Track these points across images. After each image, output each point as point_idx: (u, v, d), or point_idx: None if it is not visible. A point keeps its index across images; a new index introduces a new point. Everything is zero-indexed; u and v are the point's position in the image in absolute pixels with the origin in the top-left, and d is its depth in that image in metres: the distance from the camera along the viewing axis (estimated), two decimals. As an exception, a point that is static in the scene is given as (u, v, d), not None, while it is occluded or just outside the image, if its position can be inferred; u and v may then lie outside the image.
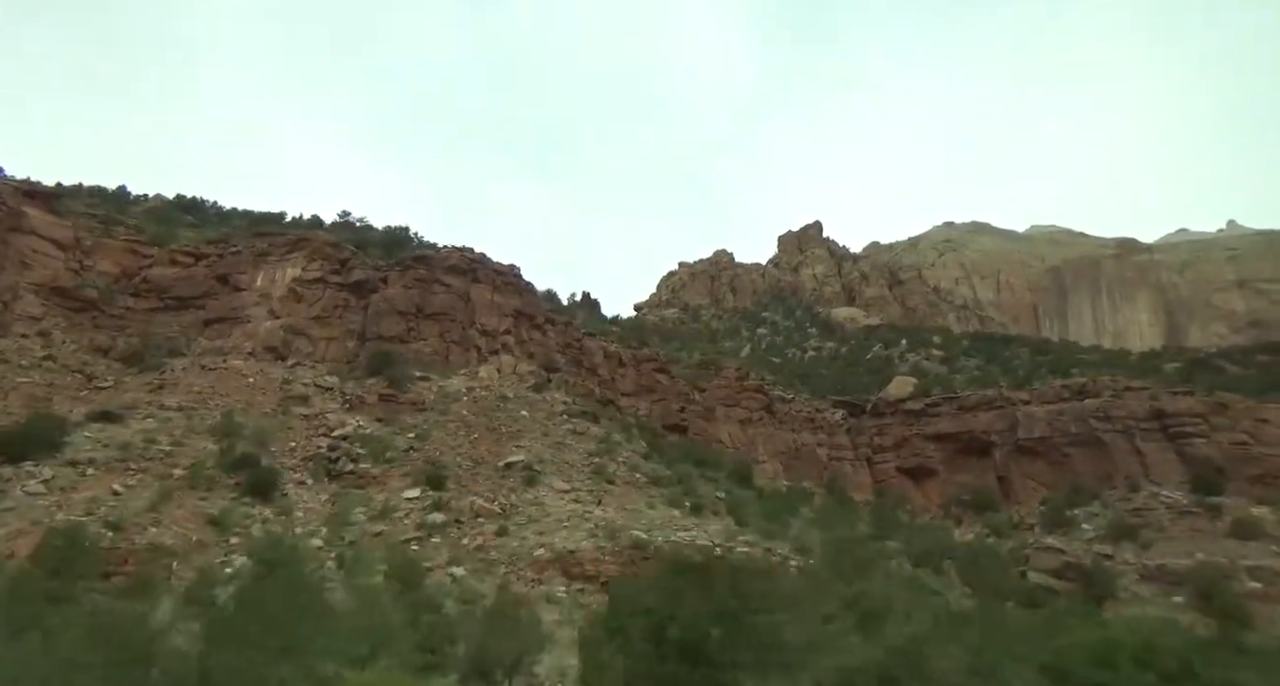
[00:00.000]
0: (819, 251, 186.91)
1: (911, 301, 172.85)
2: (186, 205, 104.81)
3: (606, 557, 25.06)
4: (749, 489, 64.54)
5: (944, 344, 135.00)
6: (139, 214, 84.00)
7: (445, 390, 48.13)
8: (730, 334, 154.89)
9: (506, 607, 15.69)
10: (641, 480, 37.16)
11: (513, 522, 29.04)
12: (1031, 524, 71.64)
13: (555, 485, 33.01)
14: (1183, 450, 73.56)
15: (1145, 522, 62.71)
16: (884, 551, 46.10)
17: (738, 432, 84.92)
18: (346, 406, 43.34)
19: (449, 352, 56.66)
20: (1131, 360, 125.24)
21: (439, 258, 62.64)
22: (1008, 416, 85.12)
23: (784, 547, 30.10)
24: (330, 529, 25.99)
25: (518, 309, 63.96)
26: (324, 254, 59.61)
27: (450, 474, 33.93)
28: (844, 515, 54.79)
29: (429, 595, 20.24)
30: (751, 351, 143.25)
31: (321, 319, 55.84)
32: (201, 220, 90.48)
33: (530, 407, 46.33)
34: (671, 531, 27.74)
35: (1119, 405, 78.79)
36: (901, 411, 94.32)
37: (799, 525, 42.26)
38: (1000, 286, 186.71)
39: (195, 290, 58.18)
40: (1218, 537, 56.72)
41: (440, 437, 39.59)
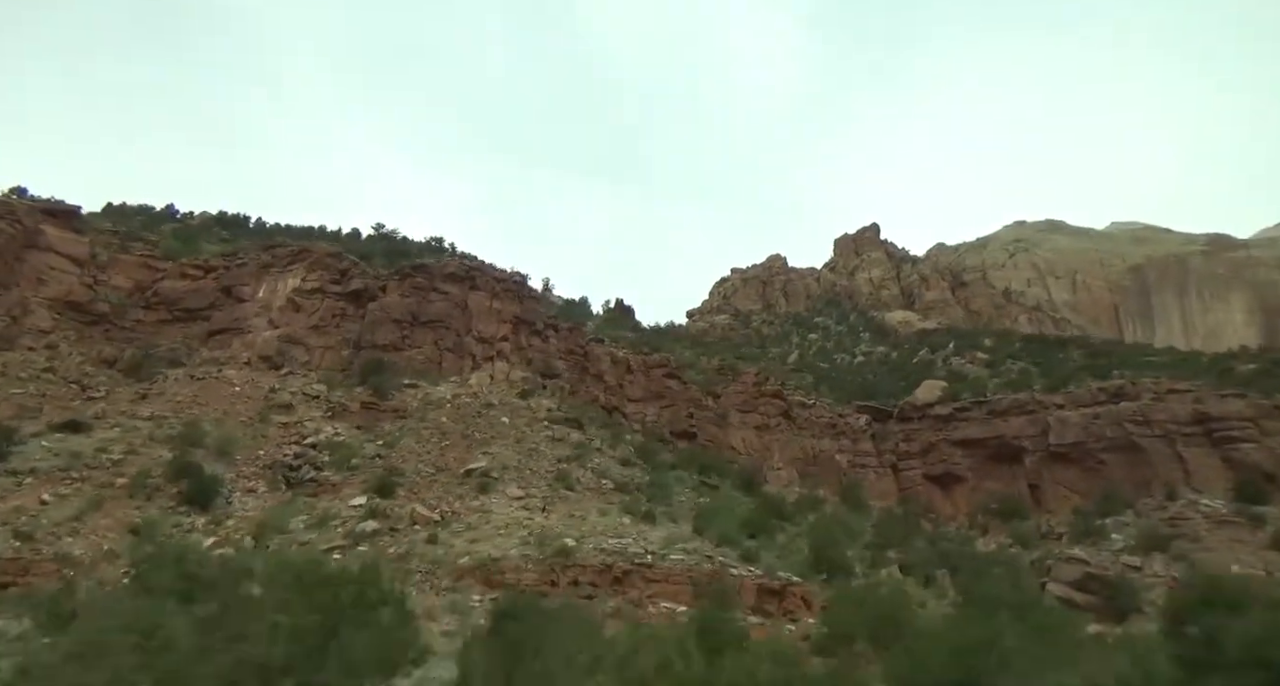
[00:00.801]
0: (876, 254, 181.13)
1: (976, 304, 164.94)
2: (227, 222, 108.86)
3: (529, 566, 24.15)
4: (754, 496, 62.81)
5: (994, 347, 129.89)
6: (169, 231, 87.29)
7: (430, 397, 48.01)
8: (780, 339, 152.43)
9: (384, 616, 14.93)
10: (607, 486, 36.14)
11: (449, 530, 28.39)
12: (1061, 533, 67.94)
13: (509, 492, 32.29)
14: (1229, 456, 68.97)
15: (1179, 532, 58.66)
16: (880, 559, 43.94)
17: (753, 439, 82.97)
18: (328, 414, 43.54)
19: (442, 360, 56.69)
20: (1204, 361, 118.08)
21: (438, 266, 62.92)
22: (1040, 421, 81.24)
23: (730, 556, 28.61)
24: (255, 538, 25.76)
25: (517, 316, 63.73)
26: (324, 264, 60.48)
27: (405, 481, 33.58)
28: (847, 523, 52.55)
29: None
30: (800, 357, 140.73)
31: (319, 328, 56.57)
32: (238, 236, 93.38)
33: (512, 414, 45.79)
34: (604, 539, 26.65)
35: (1159, 408, 74.41)
36: (929, 416, 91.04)
37: (787, 534, 40.48)
38: (1077, 287, 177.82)
39: (202, 302, 59.69)
40: (1258, 548, 52.57)
41: (409, 445, 39.34)
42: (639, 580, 23.69)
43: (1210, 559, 53.54)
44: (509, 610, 15.92)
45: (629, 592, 23.34)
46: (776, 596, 26.09)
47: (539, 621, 14.91)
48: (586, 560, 24.49)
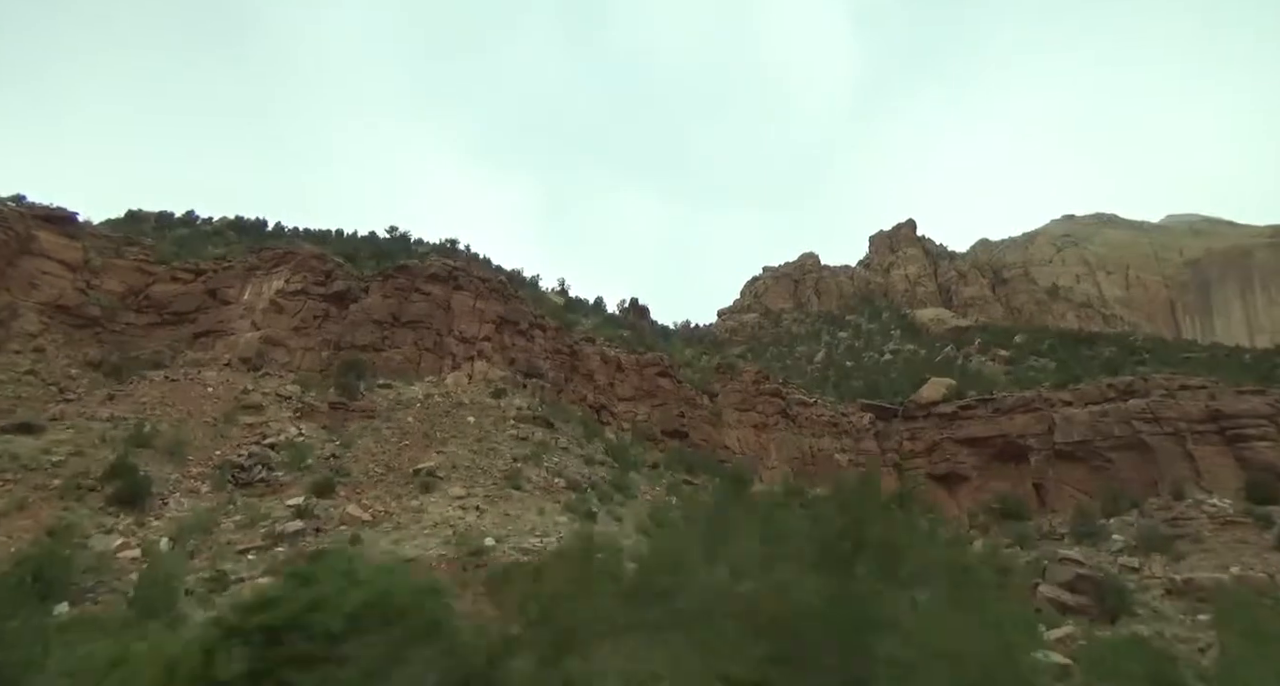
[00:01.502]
0: (912, 251, 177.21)
1: (1017, 301, 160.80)
2: (244, 227, 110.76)
3: (441, 566, 23.75)
4: (744, 496, 61.76)
5: (1023, 344, 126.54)
6: (174, 237, 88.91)
7: (401, 397, 47.98)
8: (810, 338, 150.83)
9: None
10: (559, 485, 35.62)
11: (377, 530, 28.10)
12: (1062, 534, 65.84)
13: (452, 491, 31.93)
14: (1241, 455, 66.25)
15: (1182, 533, 56.43)
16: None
17: (750, 438, 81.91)
18: (297, 415, 43.68)
19: (421, 360, 56.72)
20: (1247, 358, 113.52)
21: (421, 266, 63.05)
22: (1046, 419, 78.93)
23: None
24: (174, 539, 25.70)
25: (501, 316, 63.57)
26: (308, 266, 60.96)
27: (350, 481, 33.41)
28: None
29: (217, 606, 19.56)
30: (827, 355, 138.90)
31: (300, 329, 56.98)
32: (245, 240, 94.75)
33: (480, 414, 45.52)
34: (526, 538, 26.15)
35: (1169, 406, 71.76)
36: (934, 415, 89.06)
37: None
38: (1130, 282, 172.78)
39: (190, 305, 60.54)
40: (1262, 550, 50.23)
41: (366, 445, 39.26)
42: (555, 579, 23.08)
43: (1210, 561, 51.45)
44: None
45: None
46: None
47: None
48: (500, 559, 24.04)
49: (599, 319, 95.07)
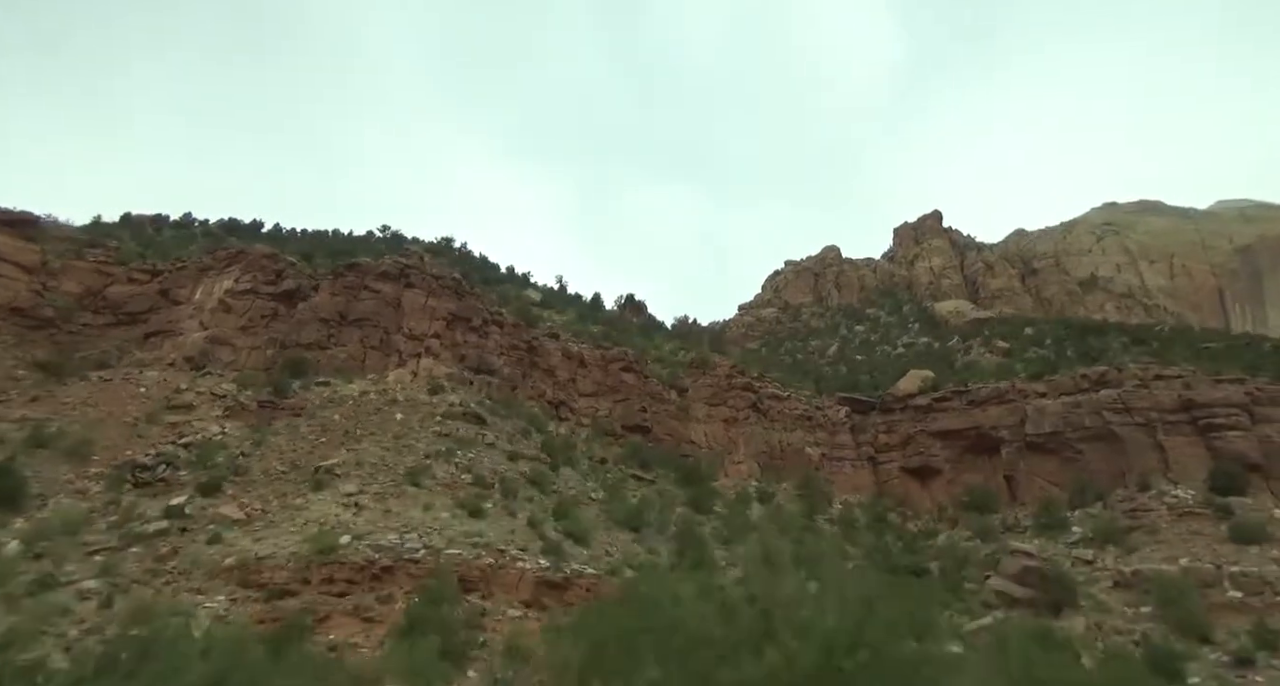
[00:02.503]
0: (937, 242, 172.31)
1: (1048, 292, 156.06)
2: (239, 229, 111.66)
3: (289, 565, 23.52)
4: (696, 490, 61.37)
5: (1032, 335, 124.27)
6: (162, 239, 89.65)
7: (335, 395, 47.97)
8: (828, 332, 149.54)
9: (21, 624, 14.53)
10: (465, 481, 35.33)
11: (246, 529, 27.93)
12: (1026, 526, 64.80)
13: (344, 488, 31.73)
14: (1212, 445, 64.71)
15: (1139, 524, 55.30)
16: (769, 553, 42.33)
17: (718, 432, 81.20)
18: (225, 414, 43.77)
19: (366, 357, 56.68)
20: (1268, 348, 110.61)
21: (371, 265, 63.03)
22: (1019, 411, 77.57)
23: (536, 548, 27.49)
24: (23, 541, 25.62)
25: (453, 313, 63.34)
26: (259, 266, 61.14)
27: (245, 480, 33.36)
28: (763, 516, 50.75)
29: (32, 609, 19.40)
30: (840, 349, 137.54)
31: (247, 329, 57.16)
32: (242, 241, 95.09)
33: (411, 410, 45.37)
34: (385, 535, 25.84)
35: (1142, 396, 70.33)
36: (910, 408, 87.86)
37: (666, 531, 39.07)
38: (1175, 271, 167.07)
39: (143, 306, 60.94)
40: (1216, 541, 49.00)
41: (279, 443, 39.23)
42: (402, 576, 22.90)
43: (1161, 553, 50.30)
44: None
45: (383, 589, 22.55)
46: (558, 589, 25.06)
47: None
48: (350, 557, 23.79)
49: (572, 315, 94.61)
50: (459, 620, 18.37)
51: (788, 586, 11.78)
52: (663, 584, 24.69)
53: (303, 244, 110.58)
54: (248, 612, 20.86)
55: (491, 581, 24.15)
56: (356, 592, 22.18)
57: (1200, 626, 39.29)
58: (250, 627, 17.83)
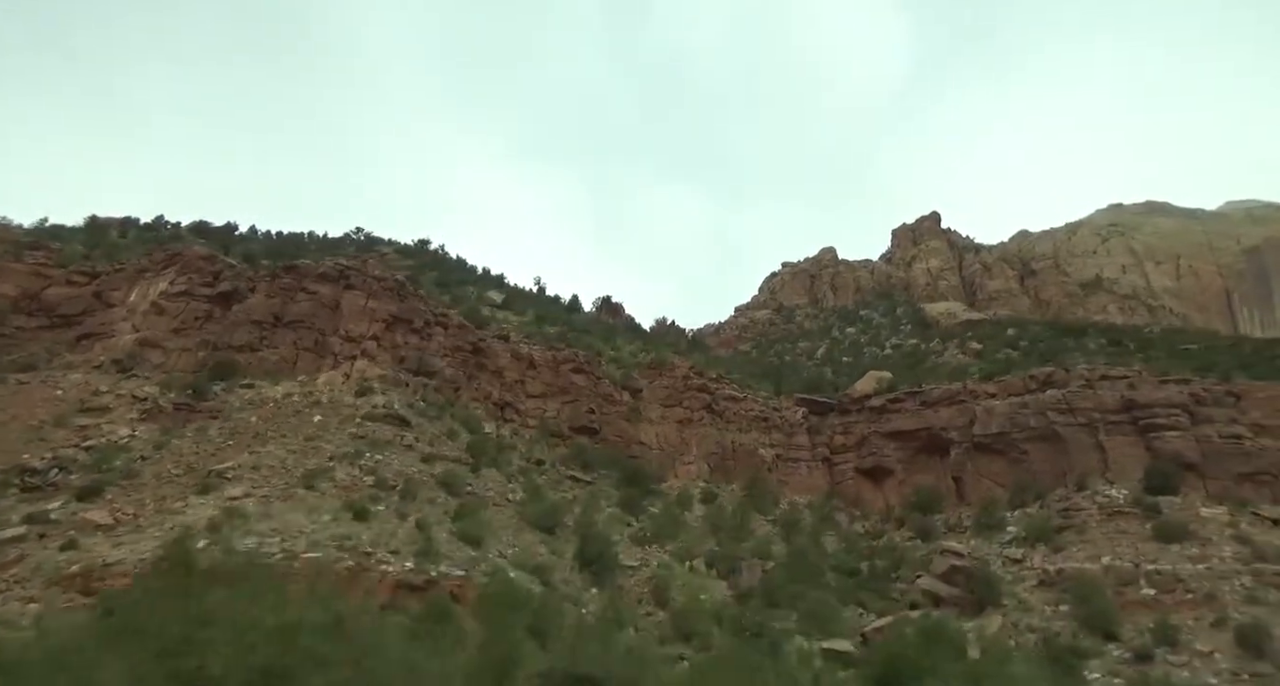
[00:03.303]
0: (935, 244, 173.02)
1: (1046, 294, 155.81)
2: (209, 231, 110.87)
3: (134, 570, 23.30)
4: (638, 491, 61.29)
5: (1015, 336, 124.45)
6: (125, 242, 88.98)
7: (257, 398, 47.64)
8: (821, 333, 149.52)
9: None
10: (365, 484, 35.12)
11: (109, 534, 27.65)
12: (967, 527, 65.02)
13: (230, 492, 31.50)
14: (1151, 444, 65.13)
15: (1069, 524, 55.57)
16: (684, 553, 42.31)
17: (671, 433, 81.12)
18: (141, 417, 43.39)
19: (299, 359, 56.35)
20: (1248, 349, 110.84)
21: (310, 266, 62.69)
22: (969, 411, 77.81)
23: (409, 551, 27.32)
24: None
25: (394, 314, 63.07)
26: (195, 267, 60.73)
27: (135, 484, 33.08)
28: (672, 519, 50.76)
29: None
30: (828, 351, 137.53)
31: (180, 331, 56.73)
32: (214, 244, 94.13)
33: (333, 413, 45.09)
34: (247, 538, 25.63)
35: (1085, 396, 70.74)
36: (867, 409, 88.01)
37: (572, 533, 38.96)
38: (1180, 272, 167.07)
39: (78, 308, 60.45)
40: (1140, 539, 49.29)
41: (182, 446, 38.94)
42: (258, 581, 22.61)
43: (1086, 552, 50.55)
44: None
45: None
46: (419, 591, 24.96)
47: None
48: (205, 561, 23.53)
49: (530, 316, 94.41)
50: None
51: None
52: (509, 589, 24.57)
53: (272, 245, 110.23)
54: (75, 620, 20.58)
55: (350, 584, 23.97)
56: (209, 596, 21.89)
57: (1109, 623, 39.50)
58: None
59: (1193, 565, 44.36)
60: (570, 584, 33.78)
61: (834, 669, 28.71)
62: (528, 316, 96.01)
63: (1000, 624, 44.15)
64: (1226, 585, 41.36)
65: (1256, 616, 36.43)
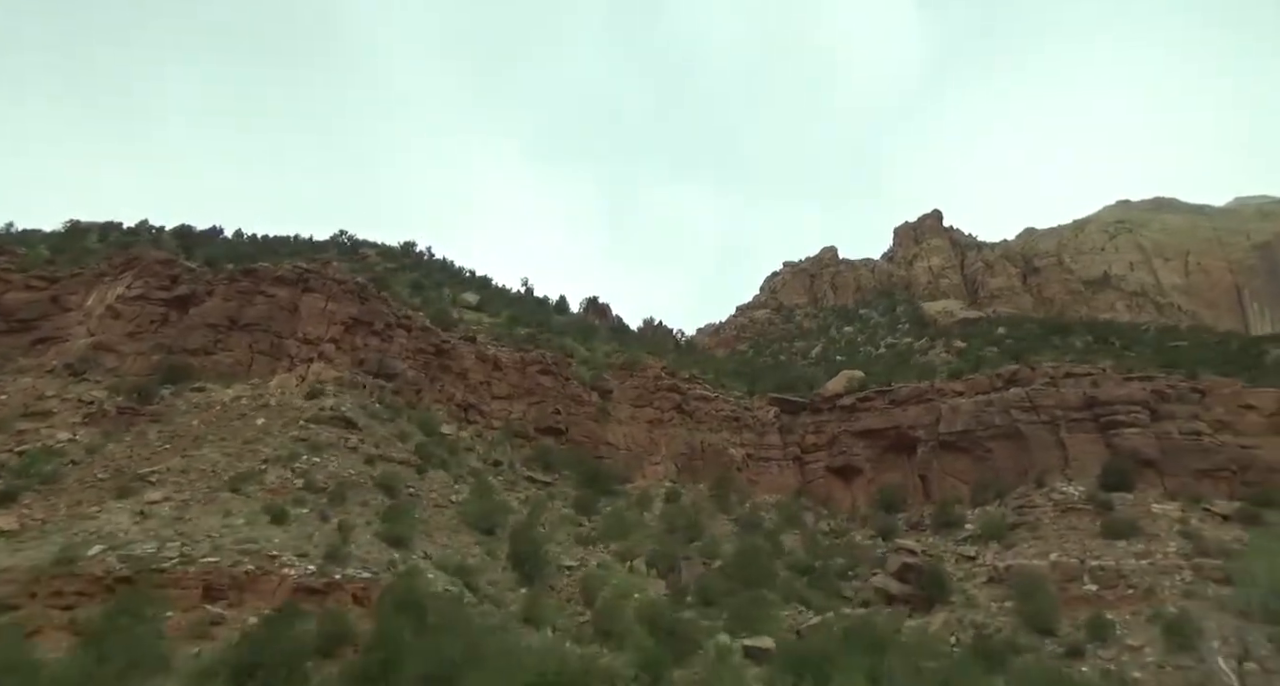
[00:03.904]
0: (936, 242, 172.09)
1: (1049, 291, 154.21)
2: (192, 236, 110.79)
3: (21, 578, 23.19)
4: (595, 492, 61.35)
5: (1004, 334, 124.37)
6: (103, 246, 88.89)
7: (206, 401, 47.64)
8: (819, 333, 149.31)
9: None
10: (295, 486, 35.11)
11: (13, 539, 27.45)
12: (928, 525, 65.15)
13: (149, 496, 31.49)
14: (1111, 442, 65.35)
15: (1024, 521, 55.72)
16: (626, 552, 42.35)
17: (641, 434, 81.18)
18: (84, 421, 43.37)
19: (253, 362, 56.34)
20: (1234, 347, 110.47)
21: (268, 269, 62.70)
22: (935, 410, 77.95)
23: (318, 554, 27.31)
24: None
25: (354, 317, 63.08)
26: (153, 271, 60.71)
27: (56, 488, 33.07)
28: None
29: None
30: (824, 350, 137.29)
31: (135, 334, 56.69)
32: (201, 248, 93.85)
33: (278, 416, 45.09)
34: (144, 544, 25.58)
35: (1048, 394, 70.97)
36: (838, 408, 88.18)
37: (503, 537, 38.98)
38: (1189, 269, 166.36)
39: (36, 312, 60.32)
40: (1088, 536, 49.38)
41: (116, 450, 38.91)
42: (145, 585, 22.68)
43: (1035, 548, 50.63)
44: None
45: (113, 601, 22.29)
46: (318, 595, 24.96)
47: None
48: (89, 568, 23.53)
49: (504, 318, 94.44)
50: (151, 630, 18.24)
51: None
52: (410, 590, 24.55)
53: (253, 248, 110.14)
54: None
55: (245, 588, 23.98)
56: (86, 605, 21.88)
57: (1049, 619, 39.59)
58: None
59: (1136, 561, 44.42)
60: (497, 584, 33.82)
61: (749, 666, 28.77)
62: (501, 318, 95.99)
63: (944, 621, 44.22)
64: (1167, 580, 41.43)
65: (1189, 610, 36.51)
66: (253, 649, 17.85)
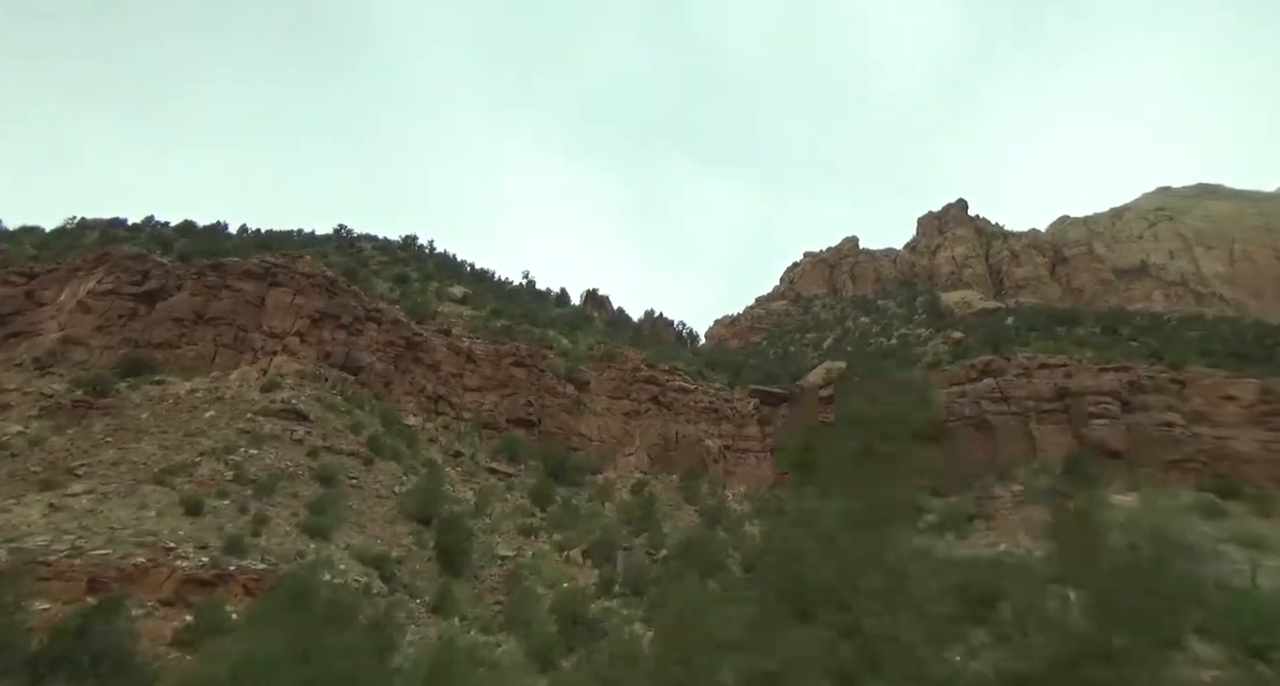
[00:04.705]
0: (961, 232, 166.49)
1: (1078, 281, 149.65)
2: (186, 231, 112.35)
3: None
4: (561, 483, 61.88)
5: (1012, 326, 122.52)
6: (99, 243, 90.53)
7: (159, 394, 48.59)
8: (835, 324, 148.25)
9: None
10: (226, 477, 35.81)
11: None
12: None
13: (71, 488, 32.36)
14: (1080, 433, 64.78)
15: (980, 512, 55.47)
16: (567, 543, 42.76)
17: (616, 425, 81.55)
18: (38, 414, 44.48)
19: (217, 356, 57.30)
20: (1248, 339, 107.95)
21: (236, 264, 63.60)
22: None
23: (218, 545, 27.92)
24: None
25: (321, 310, 63.85)
26: (123, 266, 61.84)
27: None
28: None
29: None
30: (835, 342, 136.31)
31: (103, 328, 57.84)
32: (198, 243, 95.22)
33: (229, 408, 45.92)
34: (36, 537, 26.31)
35: (1020, 385, 70.43)
36: (818, 399, 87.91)
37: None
38: (1234, 257, 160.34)
39: (10, 308, 61.69)
40: (1042, 528, 49.07)
41: (58, 443, 39.92)
42: (29, 577, 23.39)
43: (985, 539, 50.40)
44: None
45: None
46: (208, 586, 25.55)
47: None
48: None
49: (486, 311, 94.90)
50: (9, 623, 18.84)
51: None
52: (299, 581, 25.00)
53: (246, 243, 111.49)
54: None
55: (133, 580, 24.61)
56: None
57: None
58: None
59: (1081, 554, 44.06)
60: (419, 574, 34.39)
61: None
62: (484, 311, 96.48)
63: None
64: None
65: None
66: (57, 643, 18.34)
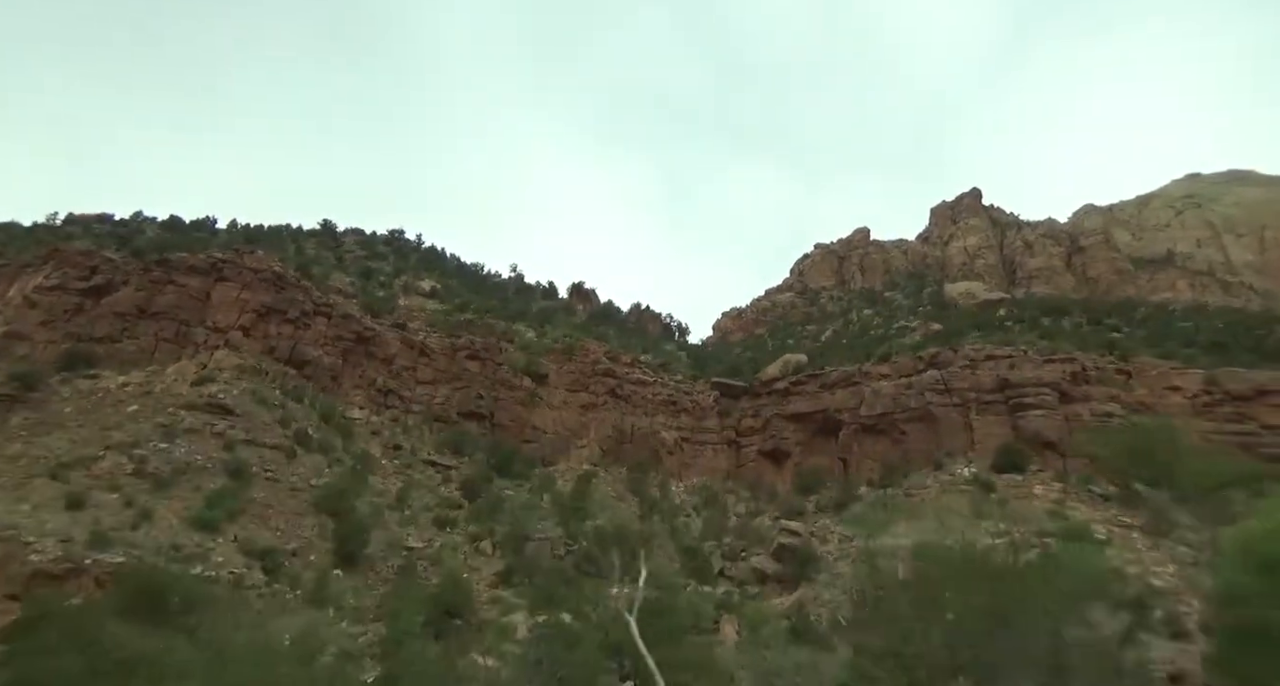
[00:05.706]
0: (974, 221, 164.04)
1: (1094, 271, 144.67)
2: (174, 226, 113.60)
3: None
4: (506, 476, 62.90)
5: (1004, 316, 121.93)
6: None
7: (90, 388, 49.62)
8: (839, 316, 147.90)
9: None
10: (125, 471, 36.77)
11: None
12: (831, 507, 65.65)
13: (-22, 482, 33.46)
14: (1017, 423, 65.11)
15: (909, 502, 56.06)
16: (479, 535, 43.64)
17: (572, 418, 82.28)
18: (-31, 408, 45.61)
19: (157, 350, 58.36)
20: (1239, 329, 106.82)
21: (182, 259, 64.55)
22: (860, 393, 77.94)
23: (82, 538, 28.84)
24: None
25: (268, 305, 64.74)
26: (72, 262, 62.87)
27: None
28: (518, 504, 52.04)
29: None
30: (835, 334, 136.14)
31: (47, 323, 58.91)
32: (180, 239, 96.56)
33: (153, 402, 46.96)
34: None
35: (962, 377, 70.66)
36: (774, 392, 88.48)
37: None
38: (1265, 245, 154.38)
39: (-39, 304, 62.97)
40: (960, 517, 49.56)
41: (-24, 436, 41.09)
42: None
43: (906, 528, 50.96)
44: None
45: None
46: (57, 580, 26.49)
47: None
48: None
49: (451, 305, 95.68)
50: None
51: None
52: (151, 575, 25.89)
53: (235, 237, 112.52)
54: None
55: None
56: None
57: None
58: None
59: (992, 541, 44.55)
60: (312, 566, 35.30)
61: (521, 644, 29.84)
62: (449, 305, 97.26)
63: (798, 598, 45.17)
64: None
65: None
66: None
